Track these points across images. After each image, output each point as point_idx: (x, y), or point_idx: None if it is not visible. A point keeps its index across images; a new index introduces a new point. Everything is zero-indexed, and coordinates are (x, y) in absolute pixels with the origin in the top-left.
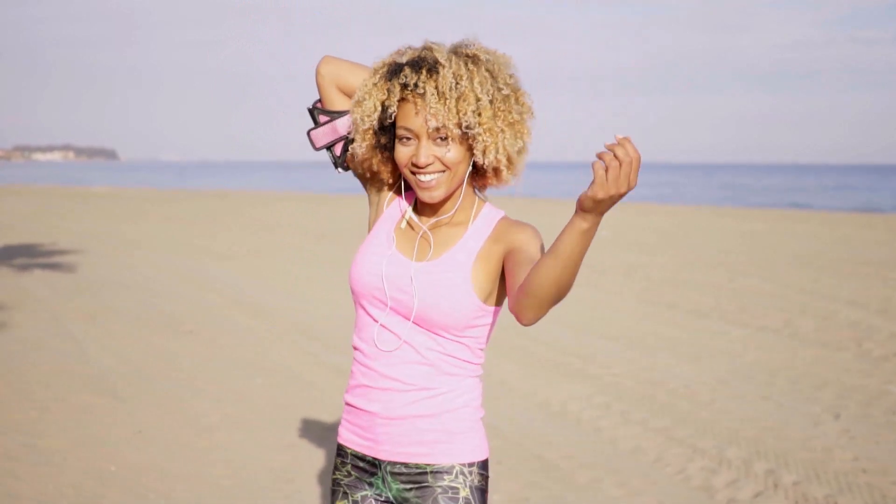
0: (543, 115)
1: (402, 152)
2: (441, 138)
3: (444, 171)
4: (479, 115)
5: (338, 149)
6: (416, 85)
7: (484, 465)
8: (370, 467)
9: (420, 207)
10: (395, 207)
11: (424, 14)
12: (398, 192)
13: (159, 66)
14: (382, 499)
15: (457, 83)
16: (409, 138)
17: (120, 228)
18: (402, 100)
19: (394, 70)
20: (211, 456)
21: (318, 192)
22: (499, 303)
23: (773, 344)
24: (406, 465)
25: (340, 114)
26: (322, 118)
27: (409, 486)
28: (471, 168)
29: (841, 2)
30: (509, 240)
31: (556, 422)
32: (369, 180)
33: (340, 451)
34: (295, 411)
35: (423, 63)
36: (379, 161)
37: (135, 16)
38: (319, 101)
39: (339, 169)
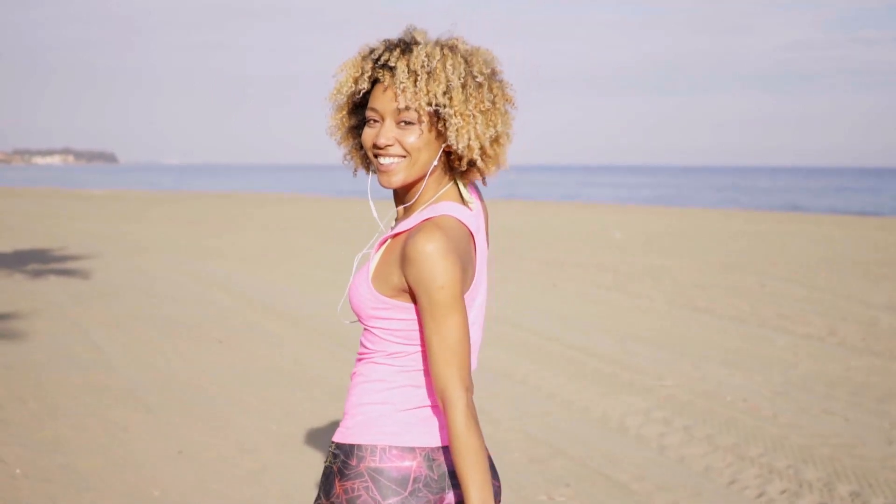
0: (543, 116)
1: (367, 133)
2: (405, 122)
3: (404, 157)
4: (450, 97)
5: None
6: (387, 61)
7: (341, 449)
8: None
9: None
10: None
11: (425, 14)
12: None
13: (159, 69)
14: None
15: (429, 62)
16: (375, 120)
17: (128, 230)
18: (375, 81)
19: (371, 49)
20: (262, 479)
21: (322, 194)
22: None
23: (822, 353)
24: None
25: None
26: None
27: None
28: (439, 160)
29: (841, 2)
30: (408, 272)
31: (617, 439)
32: None
33: None
34: None
35: (400, 44)
36: (352, 147)
37: (134, 18)
38: None
39: None
